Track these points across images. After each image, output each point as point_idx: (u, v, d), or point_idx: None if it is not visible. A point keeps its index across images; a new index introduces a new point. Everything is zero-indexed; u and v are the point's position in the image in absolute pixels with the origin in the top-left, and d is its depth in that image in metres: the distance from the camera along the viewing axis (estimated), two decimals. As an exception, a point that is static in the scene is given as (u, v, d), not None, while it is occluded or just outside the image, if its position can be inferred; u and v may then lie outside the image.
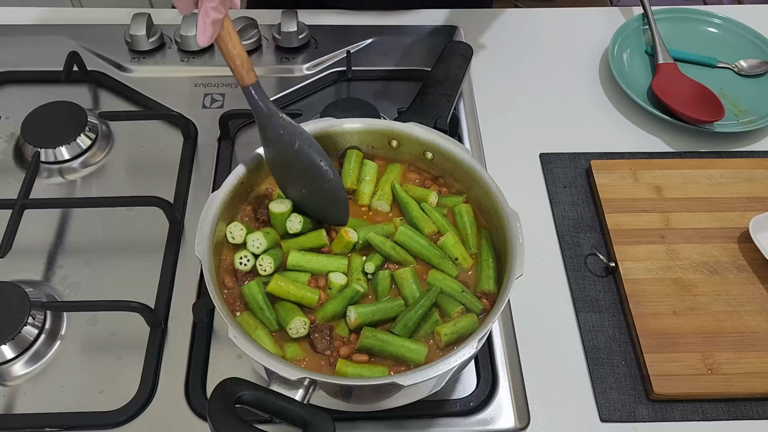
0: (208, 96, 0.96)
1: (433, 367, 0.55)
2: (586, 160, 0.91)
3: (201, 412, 0.68)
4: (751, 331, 0.75)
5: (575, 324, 0.78)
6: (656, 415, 0.71)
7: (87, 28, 1.03)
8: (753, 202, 0.86)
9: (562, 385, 0.73)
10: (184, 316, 0.74)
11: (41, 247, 0.80)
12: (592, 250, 0.82)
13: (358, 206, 0.72)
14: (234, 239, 0.66)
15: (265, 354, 0.55)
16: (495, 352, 0.73)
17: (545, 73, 1.04)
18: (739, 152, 0.94)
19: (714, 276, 0.79)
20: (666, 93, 0.96)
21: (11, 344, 0.70)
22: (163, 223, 0.81)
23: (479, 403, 0.70)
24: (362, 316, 0.62)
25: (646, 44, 1.06)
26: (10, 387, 0.70)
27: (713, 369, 0.72)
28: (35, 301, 0.73)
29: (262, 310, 0.62)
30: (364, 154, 0.74)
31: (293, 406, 0.53)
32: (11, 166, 0.88)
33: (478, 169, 0.69)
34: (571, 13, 1.13)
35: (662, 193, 0.87)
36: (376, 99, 0.94)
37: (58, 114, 0.90)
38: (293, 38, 1.00)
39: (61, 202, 0.83)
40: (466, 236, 0.69)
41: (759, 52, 1.04)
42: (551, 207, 0.87)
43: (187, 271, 0.78)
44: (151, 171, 0.88)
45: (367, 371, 0.60)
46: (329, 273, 0.65)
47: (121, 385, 0.70)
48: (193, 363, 0.71)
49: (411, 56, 1.02)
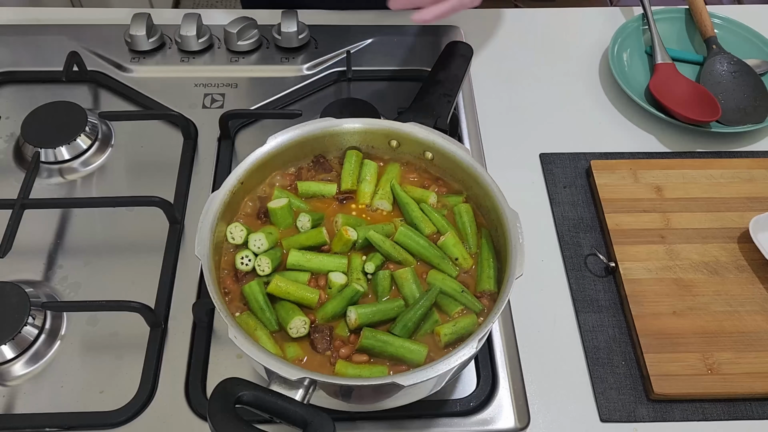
0: (208, 96, 0.96)
1: (433, 367, 0.55)
2: (586, 160, 0.91)
3: (201, 412, 0.68)
4: (751, 331, 0.75)
5: (575, 324, 0.78)
6: (656, 415, 0.71)
7: (87, 28, 1.03)
8: (753, 202, 0.86)
9: (562, 385, 0.73)
10: (184, 316, 0.74)
11: (41, 247, 0.80)
12: (592, 250, 0.82)
13: (359, 206, 0.72)
14: (234, 240, 0.66)
15: (265, 354, 0.55)
16: (495, 352, 0.73)
17: (545, 73, 1.04)
18: (739, 152, 0.94)
19: (714, 276, 0.79)
20: (663, 93, 0.96)
21: (11, 344, 0.70)
22: (163, 223, 0.81)
23: (479, 403, 0.70)
24: (362, 317, 0.62)
25: (645, 44, 1.06)
26: (10, 387, 0.70)
27: (713, 369, 0.72)
28: (35, 301, 0.73)
29: (262, 310, 0.62)
30: (364, 154, 0.74)
31: (293, 406, 0.53)
32: (11, 166, 0.88)
33: (478, 169, 0.69)
34: (571, 13, 1.13)
35: (662, 193, 0.87)
36: (376, 99, 0.94)
37: (58, 114, 0.90)
38: (293, 38, 1.00)
39: (61, 202, 0.83)
40: (465, 236, 0.69)
41: (759, 52, 1.04)
42: (551, 207, 0.87)
43: (187, 271, 0.78)
44: (151, 171, 0.88)
45: (366, 371, 0.60)
46: (329, 272, 0.65)
47: (121, 385, 0.70)
48: (193, 363, 0.71)
49: (411, 56, 1.02)
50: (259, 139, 0.70)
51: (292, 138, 0.71)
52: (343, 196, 0.72)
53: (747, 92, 0.98)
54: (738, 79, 1.00)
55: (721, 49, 1.03)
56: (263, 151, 0.69)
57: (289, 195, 0.70)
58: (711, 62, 1.01)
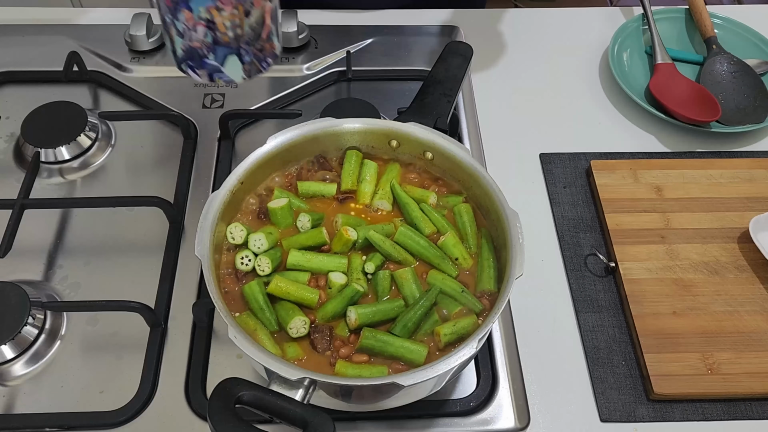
0: (208, 96, 0.96)
1: (433, 367, 0.55)
2: (586, 160, 0.91)
3: (201, 412, 0.68)
4: (751, 331, 0.75)
5: (575, 324, 0.78)
6: (656, 415, 0.71)
7: (87, 28, 1.03)
8: (753, 202, 0.86)
9: (562, 385, 0.73)
10: (184, 316, 0.74)
11: (41, 247, 0.80)
12: (592, 250, 0.82)
13: (359, 206, 0.72)
14: (234, 240, 0.66)
15: (265, 354, 0.55)
16: (495, 352, 0.73)
17: (545, 73, 1.04)
18: (739, 152, 0.94)
19: (714, 276, 0.79)
20: (663, 93, 0.96)
21: (11, 344, 0.70)
22: (163, 223, 0.81)
23: (479, 403, 0.70)
24: (362, 317, 0.62)
25: (645, 44, 1.06)
26: (10, 387, 0.70)
27: (713, 369, 0.72)
28: (35, 301, 0.73)
29: (262, 311, 0.62)
30: (364, 154, 0.74)
31: (293, 406, 0.53)
32: (11, 166, 0.88)
33: (478, 169, 0.69)
34: (571, 13, 1.13)
35: (662, 193, 0.87)
36: (376, 99, 0.94)
37: (58, 114, 0.90)
38: (293, 38, 1.00)
39: (61, 202, 0.83)
40: (465, 236, 0.69)
41: (759, 52, 1.04)
42: (551, 207, 0.87)
43: (187, 271, 0.78)
44: (151, 171, 0.88)
45: (366, 371, 0.60)
46: (329, 272, 0.65)
47: (121, 385, 0.70)
48: (193, 363, 0.71)
49: (411, 56, 1.02)
50: (259, 139, 0.70)
51: (292, 138, 0.71)
52: (343, 196, 0.72)
53: (747, 92, 0.98)
54: (738, 79, 1.00)
55: (721, 49, 1.03)
56: (263, 151, 0.69)
57: (289, 195, 0.70)
58: (711, 62, 1.01)
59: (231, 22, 0.55)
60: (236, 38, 0.56)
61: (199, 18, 0.54)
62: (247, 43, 0.57)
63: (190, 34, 0.55)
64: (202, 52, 0.57)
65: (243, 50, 0.57)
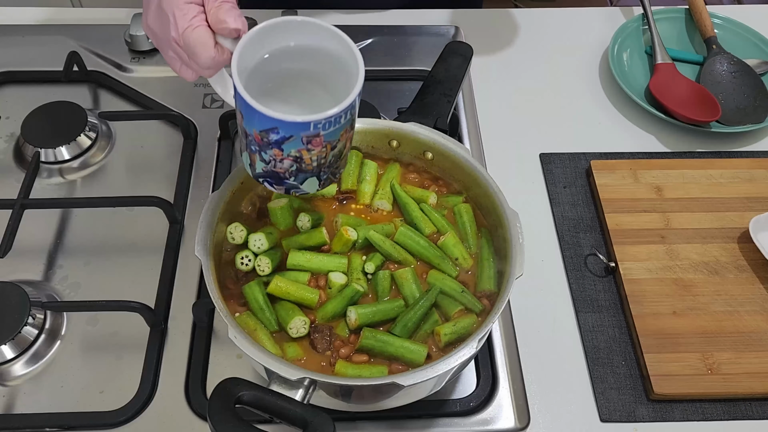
0: (208, 96, 0.96)
1: (433, 367, 0.55)
2: (586, 160, 0.91)
3: (201, 412, 0.68)
4: (751, 331, 0.75)
5: (575, 324, 0.78)
6: (656, 415, 0.71)
7: (87, 28, 1.03)
8: (753, 202, 0.86)
9: (562, 385, 0.73)
10: (184, 316, 0.74)
11: (41, 247, 0.80)
12: (592, 250, 0.82)
13: (359, 206, 0.72)
14: (234, 240, 0.66)
15: (265, 354, 0.55)
16: (495, 352, 0.73)
17: (545, 73, 1.04)
18: (739, 152, 0.94)
19: (714, 276, 0.79)
20: (663, 93, 0.96)
21: (11, 344, 0.70)
22: (163, 223, 0.81)
23: (479, 403, 0.70)
24: (362, 317, 0.62)
25: (645, 44, 1.06)
26: (10, 387, 0.70)
27: (713, 369, 0.72)
28: (35, 301, 0.73)
29: (262, 311, 0.62)
30: (364, 153, 0.74)
31: (293, 406, 0.53)
32: (11, 166, 0.88)
33: (478, 168, 0.69)
34: (571, 13, 1.13)
35: (662, 193, 0.87)
36: (376, 99, 0.94)
37: (58, 114, 0.90)
38: (293, 38, 1.00)
39: (61, 202, 0.83)
40: (465, 236, 0.69)
41: (759, 52, 1.04)
42: (551, 207, 0.87)
43: (187, 271, 0.78)
44: (151, 171, 0.88)
45: (366, 371, 0.60)
46: (329, 272, 0.65)
47: (121, 385, 0.70)
48: (193, 363, 0.71)
49: (411, 56, 1.02)
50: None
51: (292, 138, 0.70)
52: (343, 196, 0.72)
53: (747, 92, 0.98)
54: (738, 79, 1.00)
55: (721, 49, 1.03)
56: None
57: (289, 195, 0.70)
58: (711, 62, 1.01)
59: (318, 157, 0.56)
60: (319, 167, 0.57)
61: (288, 155, 0.55)
62: (328, 167, 0.58)
63: (275, 163, 0.56)
64: (284, 176, 0.58)
65: (323, 172, 0.58)
